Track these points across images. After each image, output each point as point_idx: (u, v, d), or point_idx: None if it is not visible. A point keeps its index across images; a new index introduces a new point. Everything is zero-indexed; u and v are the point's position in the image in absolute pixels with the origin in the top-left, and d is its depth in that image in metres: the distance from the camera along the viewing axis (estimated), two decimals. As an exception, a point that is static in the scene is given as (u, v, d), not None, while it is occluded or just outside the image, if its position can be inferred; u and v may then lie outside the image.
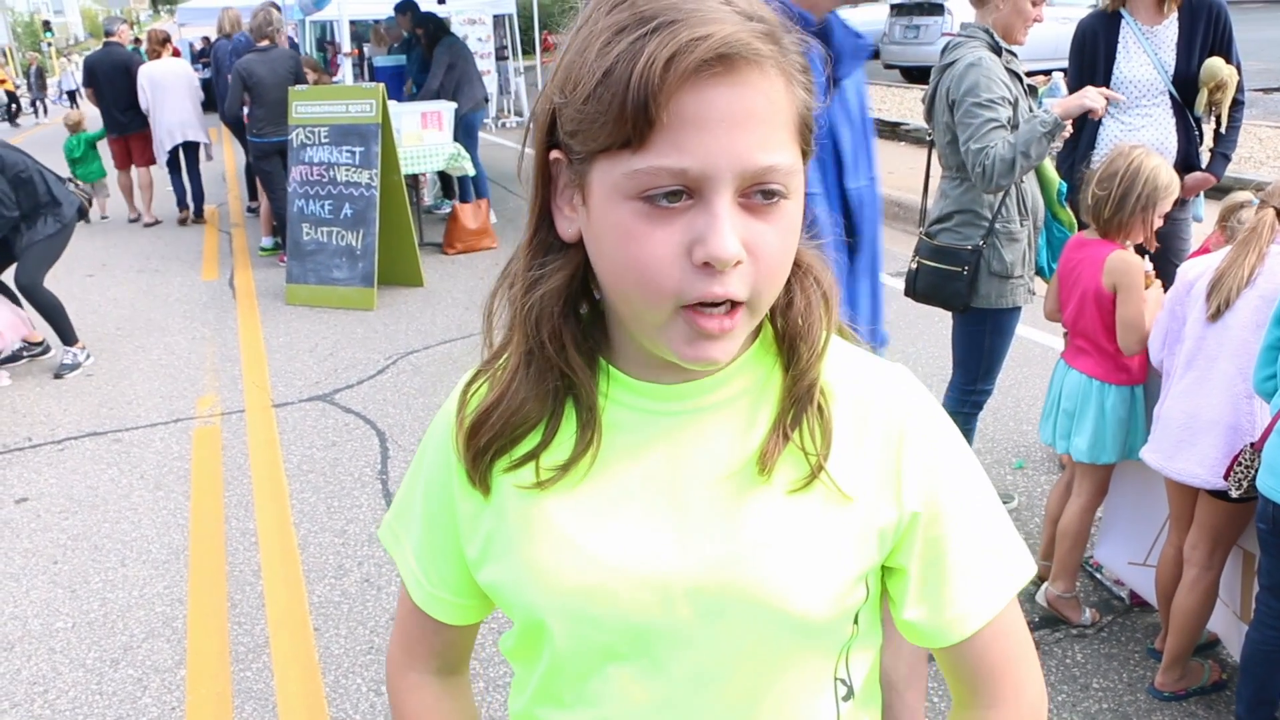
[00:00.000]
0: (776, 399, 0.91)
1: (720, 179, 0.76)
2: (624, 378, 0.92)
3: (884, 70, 18.39)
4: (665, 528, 0.89)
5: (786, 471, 0.88)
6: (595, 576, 0.89)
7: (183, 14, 28.32)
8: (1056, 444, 3.17)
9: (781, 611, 0.88)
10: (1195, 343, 2.67)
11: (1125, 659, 3.06)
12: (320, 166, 7.51)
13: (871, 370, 0.96)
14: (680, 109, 0.75)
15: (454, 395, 1.00)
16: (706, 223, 0.77)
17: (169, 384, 5.93)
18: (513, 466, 0.93)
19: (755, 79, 0.76)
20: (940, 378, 3.89)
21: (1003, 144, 3.12)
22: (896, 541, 0.92)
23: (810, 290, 0.92)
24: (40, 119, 28.55)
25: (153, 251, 9.44)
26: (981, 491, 0.95)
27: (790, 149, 0.80)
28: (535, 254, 0.91)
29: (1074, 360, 3.13)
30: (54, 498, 4.53)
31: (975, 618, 0.92)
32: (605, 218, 0.81)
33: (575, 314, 0.92)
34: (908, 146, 11.26)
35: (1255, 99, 12.00)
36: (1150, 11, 3.93)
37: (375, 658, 3.26)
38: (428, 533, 1.02)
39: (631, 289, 0.82)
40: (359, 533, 4.05)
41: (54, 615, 3.61)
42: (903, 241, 7.85)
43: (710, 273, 0.78)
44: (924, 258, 3.51)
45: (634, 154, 0.77)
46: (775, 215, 0.80)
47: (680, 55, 0.74)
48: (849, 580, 0.90)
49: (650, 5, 0.77)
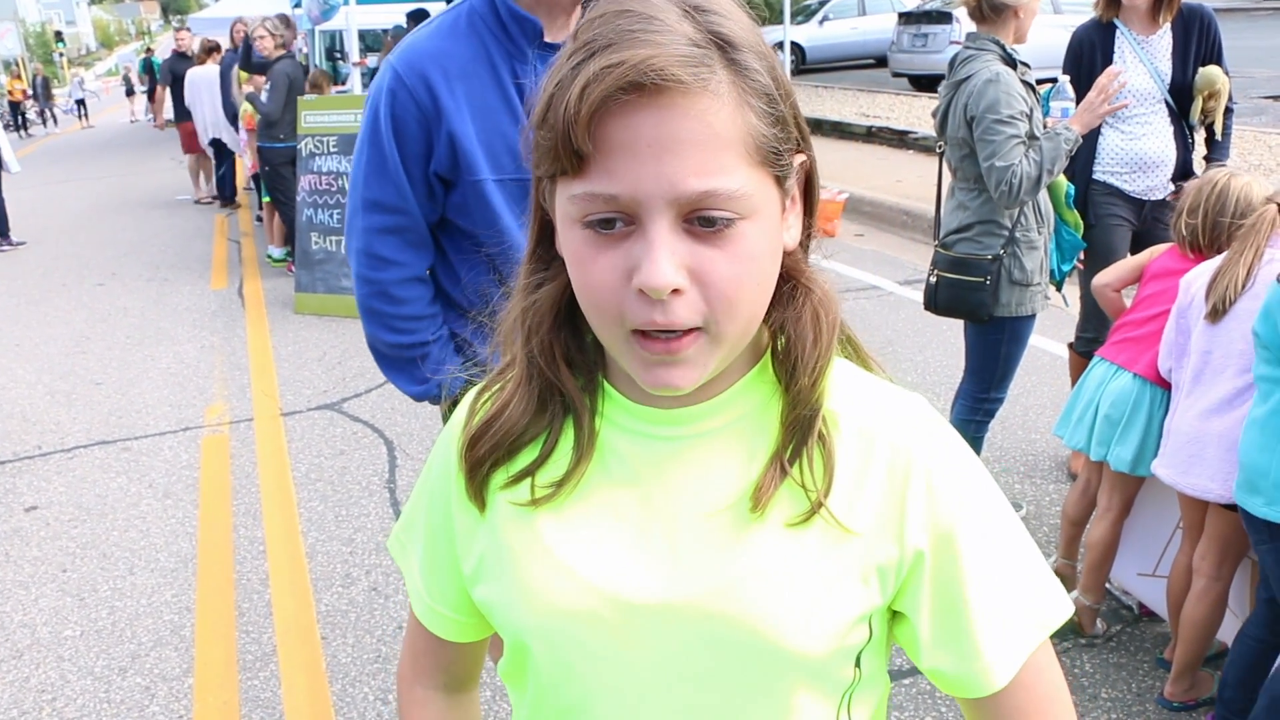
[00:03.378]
0: (777, 425, 0.88)
1: (652, 205, 0.75)
2: (621, 399, 0.91)
3: (892, 79, 18.40)
4: (658, 555, 0.87)
5: (784, 506, 0.86)
6: (584, 600, 0.88)
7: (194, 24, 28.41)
8: (1092, 450, 3.05)
9: (774, 646, 0.85)
10: (1200, 357, 2.65)
11: (1134, 669, 3.05)
12: (329, 176, 7.54)
13: (881, 399, 0.92)
14: (605, 137, 0.75)
15: (462, 407, 1.00)
16: (642, 250, 0.76)
17: (178, 393, 5.95)
18: (509, 482, 0.92)
19: (682, 104, 0.74)
20: (949, 385, 3.89)
21: (1028, 161, 3.12)
22: (901, 583, 0.88)
23: (803, 310, 0.88)
24: (50, 129, 28.66)
25: (162, 261, 9.48)
26: (1005, 528, 0.90)
27: (739, 173, 0.76)
28: (533, 268, 0.91)
29: (1133, 360, 2.97)
30: (63, 506, 4.55)
31: (1007, 666, 0.87)
32: (564, 241, 0.82)
33: (571, 328, 0.91)
34: (916, 154, 11.25)
35: (1264, 106, 11.97)
36: (1144, 22, 3.95)
37: (382, 667, 3.26)
38: (429, 546, 1.02)
39: (589, 311, 0.82)
40: (367, 541, 4.05)
41: (62, 623, 3.62)
42: (912, 250, 7.86)
43: (651, 300, 0.76)
44: (943, 270, 3.49)
45: (574, 180, 0.77)
46: (725, 240, 0.77)
47: (591, 85, 0.73)
48: (848, 619, 0.86)
49: (595, 29, 0.77)
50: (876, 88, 17.75)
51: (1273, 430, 2.32)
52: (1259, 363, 2.37)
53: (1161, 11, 3.90)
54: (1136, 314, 3.09)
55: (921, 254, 6.08)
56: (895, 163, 10.86)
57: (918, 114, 13.45)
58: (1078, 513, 3.31)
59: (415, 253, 2.07)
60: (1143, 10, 3.92)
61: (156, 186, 14.47)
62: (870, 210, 8.90)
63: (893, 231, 8.57)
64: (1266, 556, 2.43)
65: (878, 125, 12.67)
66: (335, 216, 7.50)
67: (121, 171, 16.58)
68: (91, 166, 17.77)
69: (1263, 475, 2.33)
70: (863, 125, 12.74)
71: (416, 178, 1.99)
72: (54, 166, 17.96)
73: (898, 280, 7.08)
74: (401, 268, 2.05)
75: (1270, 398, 2.33)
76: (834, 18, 22.34)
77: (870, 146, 12.16)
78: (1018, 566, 0.90)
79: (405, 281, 2.07)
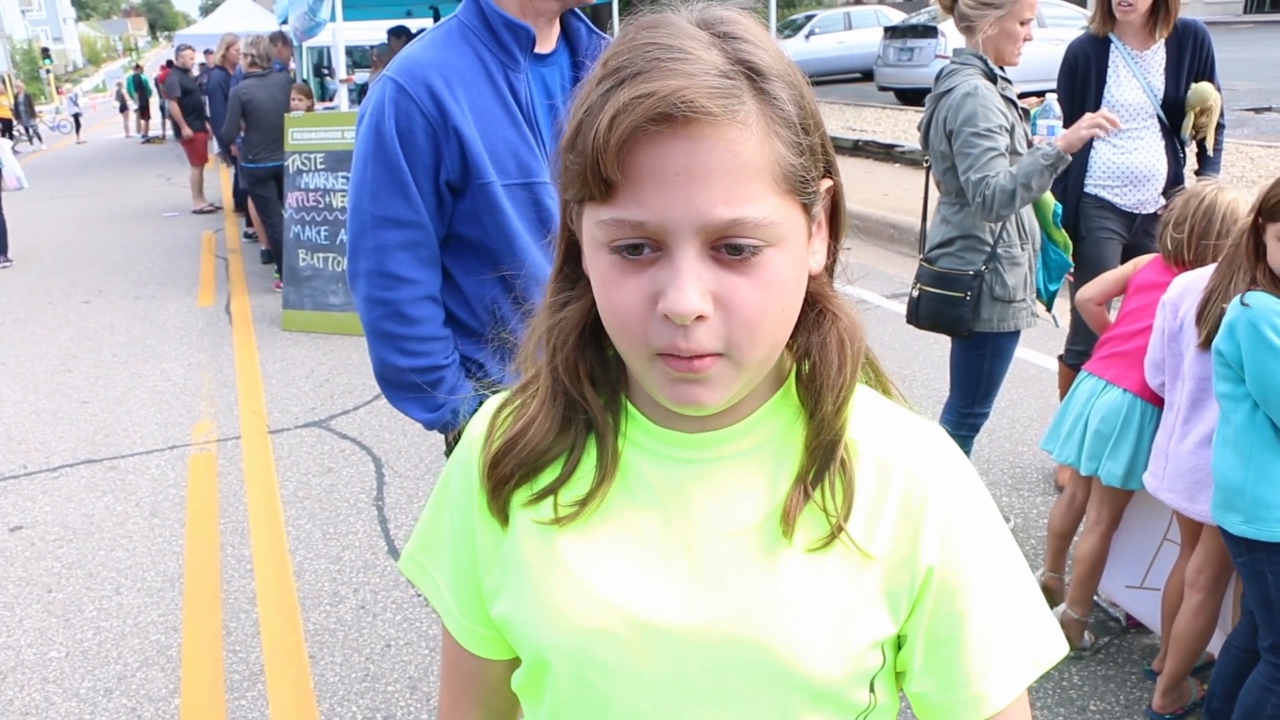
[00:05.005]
0: (799, 451, 0.89)
1: (679, 233, 0.76)
2: (645, 421, 0.92)
3: (878, 92, 18.50)
4: (679, 577, 0.88)
5: (805, 530, 0.87)
6: (604, 620, 0.89)
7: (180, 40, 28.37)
8: (1082, 465, 3.06)
9: (791, 670, 0.86)
10: (1197, 383, 2.64)
11: (1122, 681, 3.05)
12: (316, 193, 7.54)
13: (899, 428, 0.93)
14: (634, 165, 0.75)
15: (480, 421, 1.00)
16: (669, 276, 0.77)
17: (165, 411, 5.93)
18: (532, 500, 0.92)
19: (710, 134, 0.75)
20: (936, 399, 3.90)
21: (1004, 175, 3.12)
22: (911, 608, 0.89)
23: (829, 337, 0.89)
24: (36, 145, 28.59)
25: (149, 278, 9.46)
26: (1008, 562, 0.91)
27: (766, 201, 0.77)
28: (560, 286, 0.92)
29: (1121, 376, 2.99)
30: (49, 526, 4.52)
31: (996, 699, 0.89)
32: (591, 264, 0.83)
33: (596, 347, 0.92)
34: (902, 168, 11.31)
35: (1246, 118, 12.08)
36: (1140, 37, 3.98)
37: (370, 685, 3.25)
38: (456, 564, 1.01)
39: (614, 333, 0.83)
40: (354, 559, 4.04)
41: (48, 644, 3.60)
42: (899, 264, 7.89)
43: (675, 325, 0.77)
44: (926, 284, 3.49)
45: (602, 205, 0.78)
46: (751, 268, 0.78)
47: (621, 115, 0.74)
48: (864, 644, 0.87)
49: (624, 56, 0.78)
50: (863, 102, 17.84)
51: (1243, 448, 2.33)
52: (1219, 379, 2.39)
53: (1157, 27, 3.93)
54: (1123, 328, 3.09)
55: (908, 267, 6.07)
56: (882, 176, 10.91)
57: (904, 128, 13.52)
58: (1064, 526, 3.31)
59: (428, 270, 2.02)
60: (1138, 26, 3.95)
61: (144, 203, 14.44)
62: (857, 224, 8.93)
63: (879, 245, 8.60)
64: (1244, 569, 2.44)
65: (864, 139, 12.73)
66: (323, 233, 7.50)
67: (108, 188, 16.55)
68: (78, 183, 17.73)
69: (1238, 493, 2.35)
70: (849, 139, 12.79)
71: (426, 190, 1.95)
72: (40, 184, 17.90)
73: (884, 294, 7.10)
74: (415, 286, 2.00)
75: (1235, 415, 2.35)
76: (820, 32, 22.48)
77: (857, 160, 12.21)
78: (1018, 603, 0.91)
79: (419, 300, 2.02)
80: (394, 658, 3.38)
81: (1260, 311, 2.25)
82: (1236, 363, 2.31)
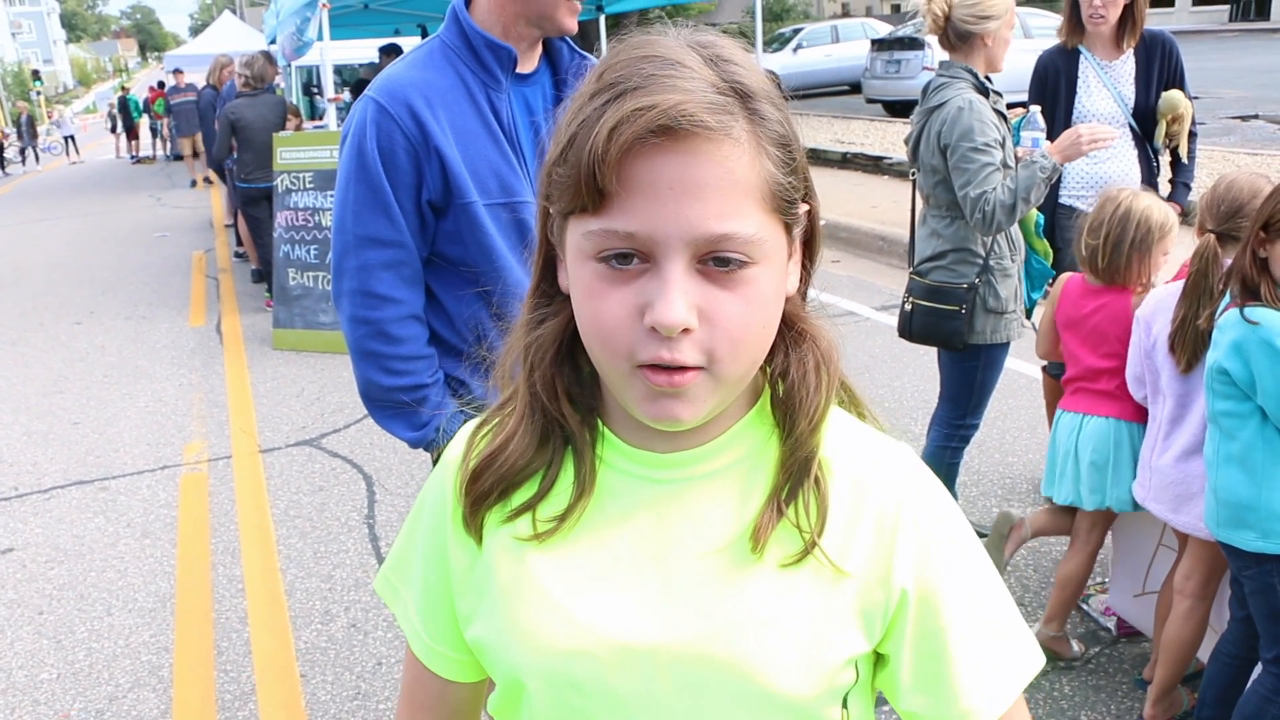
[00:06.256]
0: (772, 470, 0.90)
1: (669, 245, 0.77)
2: (618, 442, 0.93)
3: (866, 104, 18.57)
4: (652, 597, 0.89)
5: (779, 546, 0.87)
6: (578, 641, 0.89)
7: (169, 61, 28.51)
8: (1085, 500, 3.00)
9: (764, 689, 0.87)
10: (1176, 400, 2.64)
11: (1113, 690, 3.06)
12: (305, 212, 7.56)
13: (872, 448, 0.94)
14: (630, 176, 0.77)
15: (458, 443, 1.00)
16: (656, 288, 0.78)
17: (156, 431, 5.92)
18: (509, 517, 0.93)
19: (707, 149, 0.77)
20: (925, 411, 3.91)
21: (1002, 189, 3.12)
22: (886, 627, 0.90)
23: (806, 357, 0.91)
24: (32, 166, 28.55)
25: (140, 298, 9.45)
26: (984, 578, 0.93)
27: (753, 218, 0.79)
28: (536, 303, 0.93)
29: (1095, 408, 3.00)
30: (40, 547, 4.51)
31: (987, 712, 0.90)
32: (574, 275, 0.84)
33: (572, 365, 0.93)
34: (891, 180, 11.35)
35: (1232, 126, 12.14)
36: (1108, 47, 4.03)
37: (362, 704, 3.24)
38: (426, 585, 1.01)
39: (595, 345, 0.84)
40: (346, 578, 4.04)
41: (39, 666, 3.59)
42: (888, 276, 7.91)
43: (660, 337, 0.78)
44: (918, 298, 3.49)
45: (592, 217, 0.79)
46: (736, 283, 0.79)
47: (622, 125, 0.75)
48: (837, 661, 0.88)
49: (619, 71, 0.79)
50: (851, 114, 17.91)
51: (1254, 464, 2.31)
52: (1219, 398, 2.36)
53: (1125, 38, 3.98)
54: (1074, 370, 3.09)
55: (897, 279, 6.10)
56: (870, 188, 10.95)
57: (892, 140, 13.57)
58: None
59: (411, 289, 2.03)
60: (1106, 37, 4.00)
61: (134, 224, 14.43)
62: (846, 236, 8.96)
63: (869, 257, 8.63)
64: (1251, 582, 2.42)
65: (853, 151, 12.78)
66: (312, 252, 7.51)
67: (99, 209, 16.53)
68: (69, 204, 17.71)
69: (1249, 509, 2.32)
70: (838, 151, 12.85)
71: (409, 209, 1.96)
72: (31, 205, 17.90)
73: (874, 306, 7.12)
74: (399, 305, 2.02)
75: (1241, 432, 2.32)
76: (808, 45, 22.58)
77: (845, 172, 12.26)
78: (996, 616, 0.93)
79: (403, 319, 2.03)
80: (385, 676, 3.38)
81: (1272, 327, 2.21)
82: (1246, 382, 2.27)
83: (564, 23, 1.99)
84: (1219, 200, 2.70)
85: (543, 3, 1.95)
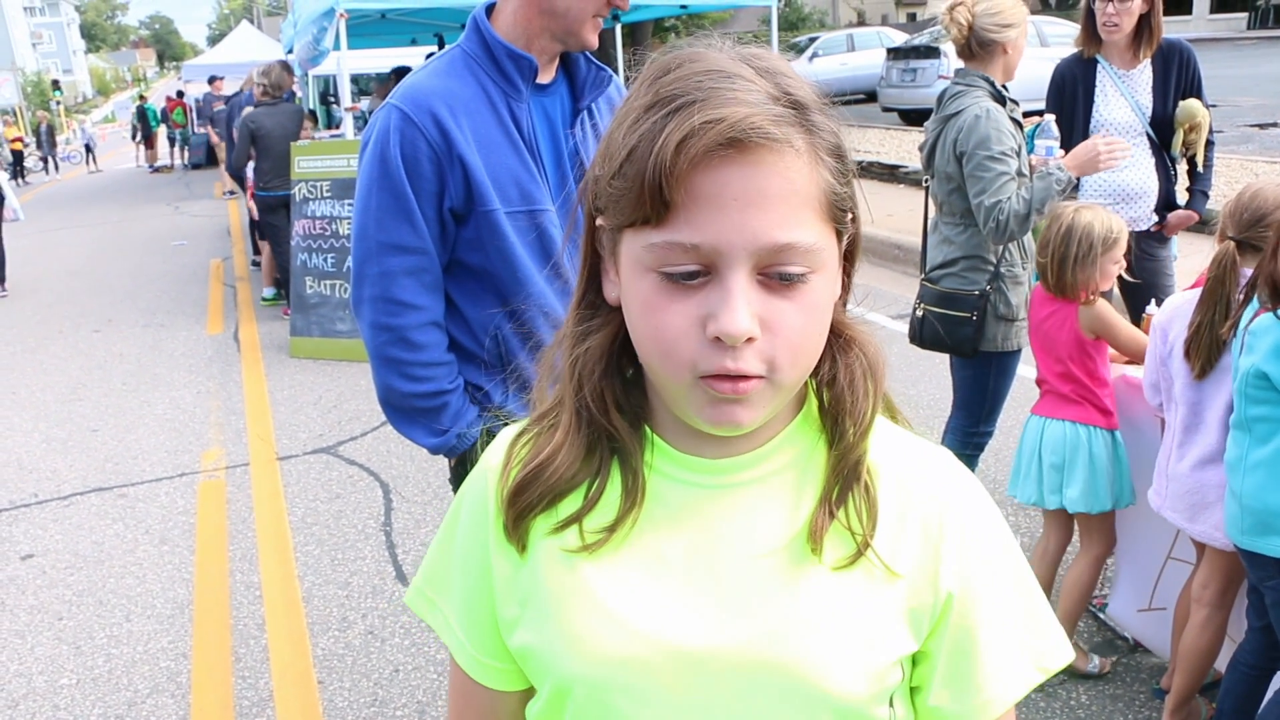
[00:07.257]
0: (821, 475, 0.91)
1: (734, 256, 0.78)
2: (667, 448, 0.93)
3: (882, 113, 18.56)
4: (705, 602, 0.89)
5: (831, 549, 0.88)
6: (631, 648, 0.89)
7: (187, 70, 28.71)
8: (1045, 500, 3.11)
9: (819, 690, 0.87)
10: (1190, 408, 2.64)
11: (1130, 700, 3.05)
12: (323, 220, 7.60)
13: (914, 452, 0.96)
14: (695, 188, 0.77)
15: (496, 452, 1.00)
16: (720, 298, 0.79)
17: (174, 438, 5.96)
18: (555, 529, 0.92)
19: (770, 160, 0.78)
20: (941, 419, 3.90)
21: (1017, 199, 3.13)
22: (932, 627, 0.91)
23: (855, 365, 0.92)
24: (52, 175, 28.75)
25: (158, 306, 9.52)
26: (1019, 578, 0.95)
27: (813, 227, 0.80)
28: (582, 315, 0.94)
29: (1055, 411, 3.09)
30: (59, 554, 4.55)
31: (1002, 701, 0.92)
32: (631, 288, 0.84)
33: (619, 375, 0.93)
34: (906, 189, 11.34)
35: (1250, 134, 12.09)
36: (1125, 57, 4.03)
37: (379, 710, 3.25)
38: (467, 596, 1.00)
39: (654, 357, 0.84)
40: (363, 585, 4.06)
41: (58, 672, 3.61)
42: (903, 284, 7.89)
43: (723, 347, 0.79)
44: (929, 304, 3.50)
45: (653, 229, 0.80)
46: (797, 293, 0.81)
47: (691, 138, 0.76)
48: (887, 660, 0.89)
49: (677, 84, 0.80)
50: (867, 123, 17.90)
51: None
52: (1253, 404, 2.33)
53: (1142, 47, 3.98)
54: (1044, 374, 3.15)
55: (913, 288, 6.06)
56: (886, 197, 10.93)
57: (908, 148, 13.56)
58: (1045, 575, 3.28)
59: (432, 296, 2.04)
60: (1123, 46, 4.00)
61: (152, 232, 14.54)
62: (862, 244, 8.94)
63: (885, 265, 8.62)
64: (1272, 593, 2.40)
65: (868, 160, 12.78)
66: (330, 261, 7.55)
67: (118, 218, 16.66)
68: (87, 213, 17.85)
69: (1277, 515, 2.31)
70: (854, 160, 12.83)
71: (430, 217, 1.98)
72: (50, 214, 18.03)
73: (889, 314, 7.11)
74: (421, 311, 2.03)
75: (1275, 437, 2.30)
76: (824, 54, 22.59)
77: (861, 181, 12.18)
78: (1025, 611, 0.94)
79: (423, 326, 2.03)
80: (402, 683, 3.39)
81: None
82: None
83: (588, 39, 2.01)
84: (1243, 208, 2.69)
85: (570, 19, 1.97)
